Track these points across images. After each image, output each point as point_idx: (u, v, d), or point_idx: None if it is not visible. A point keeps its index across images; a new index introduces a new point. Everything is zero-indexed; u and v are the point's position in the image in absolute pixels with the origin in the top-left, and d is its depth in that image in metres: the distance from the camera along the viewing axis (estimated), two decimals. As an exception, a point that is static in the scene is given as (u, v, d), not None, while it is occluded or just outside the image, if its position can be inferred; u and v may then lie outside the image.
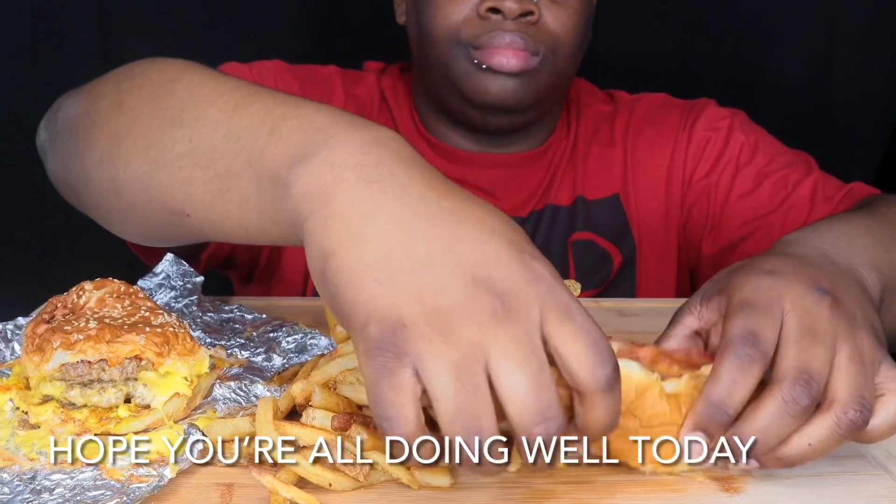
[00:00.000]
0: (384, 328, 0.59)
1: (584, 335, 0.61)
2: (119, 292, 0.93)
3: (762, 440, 0.71)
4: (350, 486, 0.74)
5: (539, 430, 0.60)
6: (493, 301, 0.59)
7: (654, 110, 1.54)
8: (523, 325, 0.59)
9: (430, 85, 1.45)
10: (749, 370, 0.71)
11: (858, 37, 1.96)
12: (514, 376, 0.59)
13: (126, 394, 0.85)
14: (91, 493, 0.72)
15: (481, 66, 1.31)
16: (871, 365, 0.74)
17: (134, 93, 0.90)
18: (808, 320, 0.73)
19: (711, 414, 0.71)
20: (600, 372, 0.61)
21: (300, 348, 1.05)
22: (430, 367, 0.59)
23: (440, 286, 0.59)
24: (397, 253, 0.60)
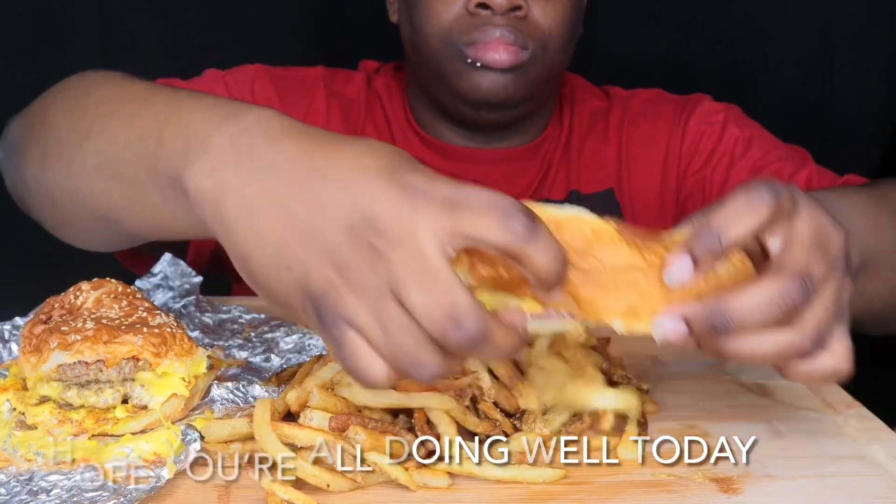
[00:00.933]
0: (314, 305, 0.65)
1: (482, 207, 0.63)
2: (116, 293, 0.93)
3: (738, 318, 0.69)
4: (348, 487, 0.74)
5: (456, 335, 0.62)
6: (374, 239, 0.62)
7: (648, 105, 1.55)
8: (410, 247, 0.62)
9: (423, 82, 1.46)
10: (755, 210, 0.69)
11: (854, 36, 1.95)
12: (413, 297, 0.62)
13: (123, 394, 0.85)
14: (88, 493, 0.72)
15: (474, 63, 1.31)
16: (839, 317, 0.74)
17: (56, 109, 0.98)
18: (823, 236, 0.72)
19: (705, 236, 0.69)
20: (512, 225, 0.63)
21: (298, 348, 1.05)
22: (357, 322, 0.64)
23: (330, 247, 0.64)
24: (289, 234, 0.65)
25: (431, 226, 0.63)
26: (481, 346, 0.63)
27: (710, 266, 0.69)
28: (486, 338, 0.63)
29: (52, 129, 0.96)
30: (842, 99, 1.98)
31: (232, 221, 0.69)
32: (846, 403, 0.95)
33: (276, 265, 0.67)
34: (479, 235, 0.63)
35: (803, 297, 0.69)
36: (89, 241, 1.05)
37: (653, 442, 0.85)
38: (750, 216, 0.70)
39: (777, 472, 0.79)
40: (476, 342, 0.62)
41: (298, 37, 2.03)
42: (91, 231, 1.00)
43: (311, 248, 0.64)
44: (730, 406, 0.95)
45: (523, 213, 0.63)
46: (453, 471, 0.76)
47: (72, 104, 0.96)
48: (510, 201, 0.64)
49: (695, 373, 1.05)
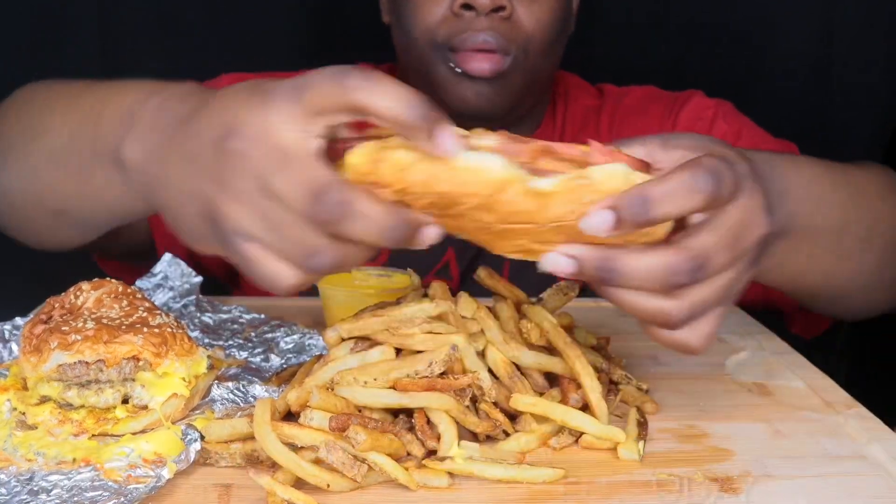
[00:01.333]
0: (213, 230, 0.71)
1: (320, 82, 0.68)
2: (117, 293, 0.93)
3: (622, 276, 0.71)
4: (348, 486, 0.74)
5: (321, 208, 0.66)
6: (236, 144, 0.68)
7: (639, 102, 1.55)
8: (267, 140, 0.68)
9: (411, 83, 1.46)
10: (693, 197, 0.70)
11: (854, 36, 1.95)
12: (277, 185, 0.67)
13: (124, 394, 0.85)
14: (88, 493, 0.72)
15: (456, 70, 1.32)
16: (723, 302, 0.76)
17: (5, 120, 1.08)
18: (741, 231, 0.74)
19: (634, 202, 0.68)
20: (346, 82, 0.67)
21: (298, 348, 1.05)
22: (245, 229, 0.70)
23: (207, 165, 0.70)
24: (184, 170, 0.73)
25: (284, 117, 0.68)
26: (349, 216, 0.66)
27: (629, 230, 0.69)
28: (351, 207, 0.66)
29: (3, 137, 1.06)
30: (842, 99, 1.98)
31: (153, 179, 0.78)
32: (846, 403, 0.95)
33: (183, 204, 0.74)
34: (326, 106, 0.67)
35: (690, 279, 0.71)
36: (49, 239, 1.13)
37: (653, 442, 0.85)
38: (684, 200, 0.70)
39: (777, 472, 0.80)
40: (341, 211, 0.66)
41: (298, 37, 2.03)
42: (49, 227, 1.09)
43: (196, 174, 0.71)
44: (730, 406, 0.95)
45: (356, 69, 0.67)
46: (453, 471, 0.76)
47: (19, 111, 1.06)
48: (345, 67, 0.68)
49: (695, 373, 1.05)
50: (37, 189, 1.02)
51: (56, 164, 0.97)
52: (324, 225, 0.68)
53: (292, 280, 0.71)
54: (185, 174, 0.73)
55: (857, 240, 1.02)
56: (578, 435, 0.84)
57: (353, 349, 0.85)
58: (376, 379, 0.79)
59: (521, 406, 0.82)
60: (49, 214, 1.04)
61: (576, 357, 0.86)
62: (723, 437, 0.87)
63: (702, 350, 0.77)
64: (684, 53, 2.00)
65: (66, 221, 1.03)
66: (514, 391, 0.84)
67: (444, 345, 0.80)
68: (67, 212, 1.01)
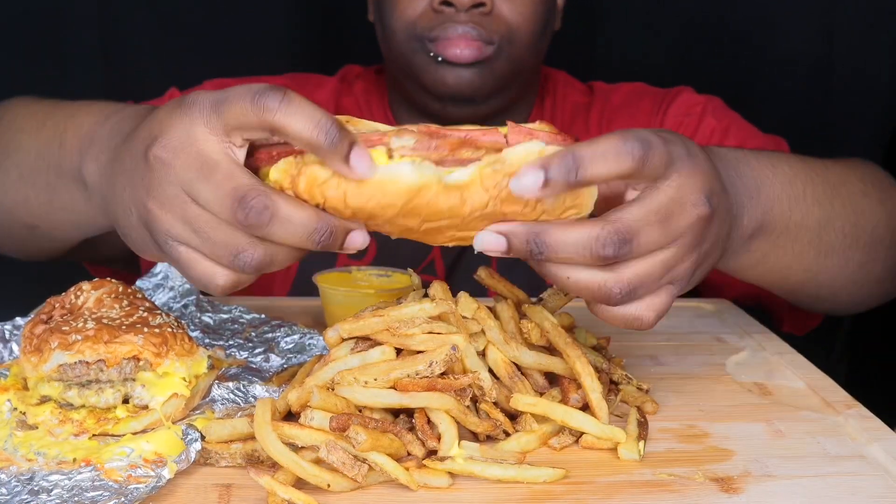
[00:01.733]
0: (150, 236, 0.76)
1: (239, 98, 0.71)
2: (117, 293, 0.93)
3: (551, 248, 0.73)
4: (348, 486, 0.74)
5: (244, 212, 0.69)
6: (162, 153, 0.72)
7: (628, 98, 1.56)
8: (190, 149, 0.71)
9: (395, 78, 1.50)
10: (621, 159, 0.72)
11: (854, 36, 1.96)
12: (202, 193, 0.71)
13: (124, 394, 0.85)
14: (89, 493, 0.72)
15: (437, 58, 1.33)
16: (668, 279, 0.78)
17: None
18: (675, 209, 0.75)
19: (563, 161, 0.70)
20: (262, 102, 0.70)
21: (299, 348, 1.05)
22: (175, 233, 0.73)
23: (139, 176, 0.75)
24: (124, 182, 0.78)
25: (205, 128, 0.72)
26: (272, 221, 0.70)
27: (558, 190, 0.71)
28: (274, 212, 0.69)
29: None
30: (842, 99, 1.98)
31: (107, 194, 0.83)
32: (846, 403, 0.95)
33: (126, 214, 0.78)
34: (243, 123, 0.71)
35: (616, 250, 0.73)
36: (22, 250, 1.21)
37: (653, 442, 0.85)
38: (613, 162, 0.72)
39: (777, 471, 0.80)
40: (265, 217, 0.69)
41: (298, 37, 2.03)
42: (22, 240, 1.16)
43: (132, 185, 0.76)
44: (730, 406, 0.95)
45: (273, 89, 0.70)
46: (453, 471, 0.76)
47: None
48: (262, 85, 0.71)
49: (695, 373, 1.06)
50: (10, 205, 1.09)
51: (26, 182, 1.05)
52: (248, 229, 0.71)
53: (224, 280, 0.74)
54: (124, 186, 0.78)
55: (841, 236, 1.03)
56: (579, 435, 0.84)
57: (354, 349, 0.85)
58: (376, 379, 0.79)
59: (522, 406, 0.83)
60: (23, 228, 1.11)
61: (576, 357, 0.86)
62: (723, 437, 0.87)
63: (652, 323, 0.79)
64: (684, 53, 2.00)
65: (38, 235, 1.10)
66: (515, 391, 0.84)
67: (444, 345, 0.80)
68: (39, 226, 1.08)
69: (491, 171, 0.71)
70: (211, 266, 0.74)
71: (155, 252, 0.78)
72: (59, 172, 0.96)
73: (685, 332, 1.21)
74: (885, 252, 1.12)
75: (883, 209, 1.11)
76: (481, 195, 0.72)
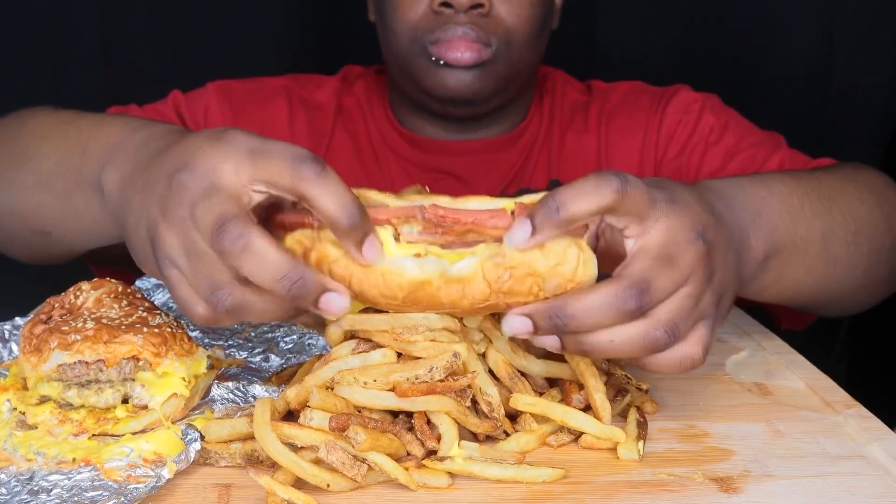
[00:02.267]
0: (153, 253, 0.77)
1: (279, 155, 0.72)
2: (117, 292, 0.93)
3: (578, 320, 0.74)
4: (348, 486, 0.74)
5: (221, 238, 0.71)
6: (184, 176, 0.74)
7: (626, 97, 1.57)
8: (208, 181, 0.73)
9: (395, 79, 1.50)
10: (599, 193, 0.74)
11: (854, 36, 1.96)
12: (197, 214, 0.72)
13: (124, 394, 0.85)
14: (89, 493, 0.72)
15: (438, 62, 1.34)
16: (699, 313, 0.79)
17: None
18: (673, 249, 0.77)
19: (546, 203, 0.73)
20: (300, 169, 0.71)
21: (298, 348, 1.05)
22: (172, 256, 0.75)
23: (159, 192, 0.76)
24: (141, 196, 0.80)
25: (233, 169, 0.73)
26: (244, 250, 0.70)
27: (547, 234, 0.74)
28: (247, 241, 0.70)
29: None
30: (842, 99, 1.99)
31: (123, 203, 0.85)
32: (846, 403, 0.95)
33: (136, 226, 0.80)
34: (272, 179, 0.73)
35: (639, 302, 0.74)
36: (31, 255, 1.21)
37: (653, 442, 0.85)
38: (593, 196, 0.74)
39: (777, 471, 0.80)
40: (237, 243, 0.70)
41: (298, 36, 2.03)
42: (31, 246, 1.17)
43: (149, 200, 0.77)
44: (729, 406, 0.95)
45: (314, 160, 0.72)
46: (453, 471, 0.76)
47: (11, 135, 1.14)
48: (305, 152, 0.72)
49: (694, 373, 1.05)
50: (23, 210, 1.09)
51: (42, 188, 1.05)
52: (222, 256, 0.71)
53: (202, 311, 0.75)
54: (141, 199, 0.79)
55: (844, 244, 1.05)
56: (577, 434, 0.84)
57: (356, 350, 0.85)
58: (376, 380, 0.79)
59: (521, 406, 0.83)
60: (34, 234, 1.11)
61: (580, 358, 0.86)
62: (722, 436, 0.87)
63: (703, 358, 0.80)
64: (684, 54, 2.00)
65: (48, 241, 1.11)
66: (515, 391, 0.84)
67: (445, 352, 0.80)
68: (50, 233, 1.09)
69: (492, 264, 0.74)
70: (192, 295, 0.75)
71: (153, 268, 0.79)
72: (78, 179, 0.97)
73: (685, 332, 1.21)
74: (887, 254, 1.13)
75: (881, 213, 1.12)
76: (482, 288, 0.75)
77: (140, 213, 0.79)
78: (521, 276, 0.74)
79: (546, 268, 0.75)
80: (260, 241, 0.71)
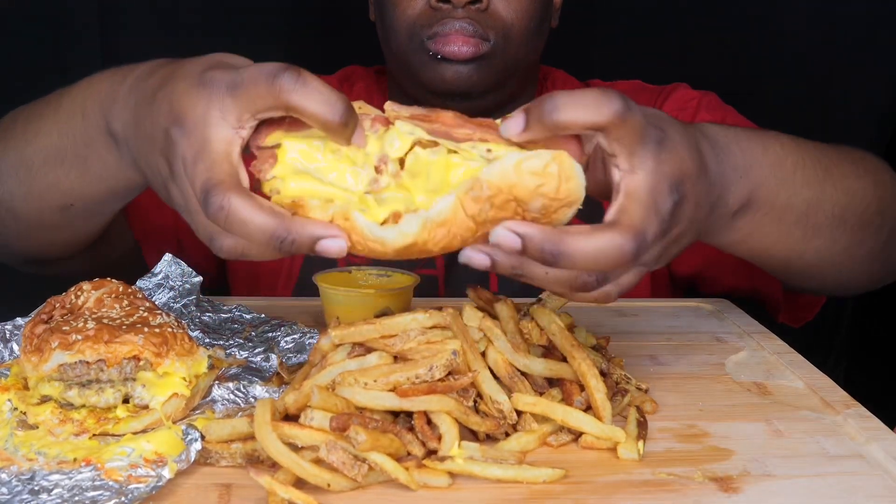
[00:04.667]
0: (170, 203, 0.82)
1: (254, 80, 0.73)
2: (117, 292, 0.93)
3: (571, 260, 0.72)
4: (348, 486, 0.74)
5: (204, 206, 0.72)
6: (175, 130, 0.76)
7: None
8: (199, 131, 0.75)
9: (396, 77, 1.51)
10: (599, 110, 0.73)
11: (855, 37, 1.96)
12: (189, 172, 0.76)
13: (124, 394, 0.85)
14: (89, 493, 0.72)
15: (436, 56, 1.35)
16: (638, 263, 0.79)
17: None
18: (658, 198, 0.76)
19: (543, 104, 0.73)
20: (277, 84, 0.72)
21: (299, 348, 1.05)
22: (176, 205, 0.80)
23: (163, 151, 0.79)
24: (148, 145, 0.83)
25: (221, 113, 0.75)
26: (227, 220, 0.72)
27: (538, 132, 0.73)
28: (228, 212, 0.71)
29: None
30: (842, 99, 1.98)
31: (135, 152, 0.88)
32: (845, 403, 0.96)
33: (153, 175, 0.84)
34: (256, 106, 0.74)
35: (636, 254, 0.74)
36: (53, 240, 1.20)
37: (652, 441, 0.85)
38: (591, 111, 0.73)
39: (776, 471, 0.80)
40: (219, 214, 0.72)
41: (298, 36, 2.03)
42: (54, 226, 1.15)
43: (154, 152, 0.81)
44: (729, 406, 0.96)
45: (287, 70, 0.72)
46: (453, 471, 0.76)
47: (4, 131, 1.14)
48: (276, 66, 0.73)
49: (694, 373, 1.06)
50: (39, 191, 1.09)
51: (53, 163, 1.05)
52: (211, 220, 0.74)
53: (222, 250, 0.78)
54: (148, 151, 0.83)
55: (830, 217, 1.04)
56: (577, 433, 0.84)
57: (351, 353, 0.85)
58: (376, 381, 0.79)
59: (522, 406, 0.83)
60: (56, 211, 1.10)
61: (581, 359, 0.86)
62: (722, 436, 0.87)
63: (615, 298, 0.81)
64: (684, 54, 2.00)
65: (72, 214, 1.10)
66: (515, 391, 0.85)
67: (442, 351, 0.80)
68: (73, 204, 1.08)
69: (470, 199, 0.72)
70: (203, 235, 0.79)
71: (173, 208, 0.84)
72: (87, 141, 0.98)
73: (685, 332, 1.22)
74: (873, 235, 1.12)
75: (874, 194, 1.11)
76: (468, 224, 0.73)
77: (150, 163, 0.83)
78: (503, 202, 0.72)
79: (526, 192, 0.72)
80: (242, 209, 0.72)
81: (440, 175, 0.76)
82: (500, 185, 0.72)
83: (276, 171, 0.76)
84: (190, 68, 0.80)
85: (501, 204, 0.72)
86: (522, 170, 0.72)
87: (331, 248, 0.73)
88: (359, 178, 0.77)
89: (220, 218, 0.72)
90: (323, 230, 0.73)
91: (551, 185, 0.72)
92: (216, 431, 0.80)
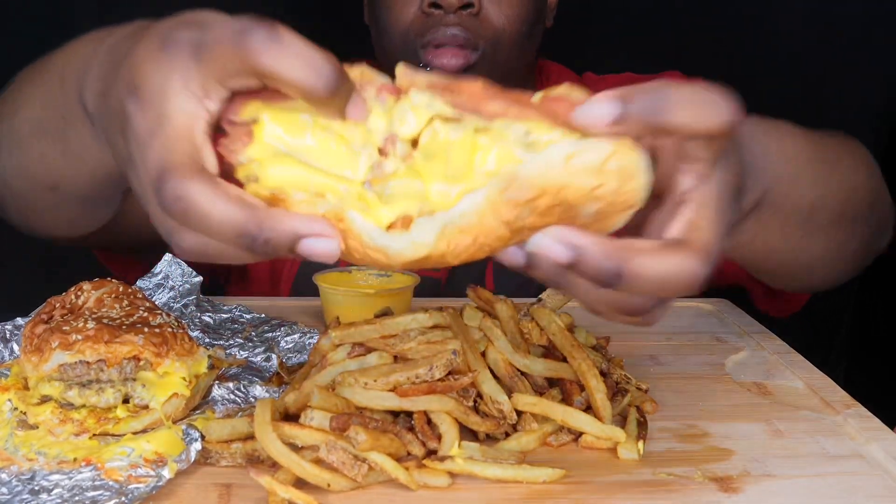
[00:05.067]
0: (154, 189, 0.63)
1: (221, 41, 0.59)
2: (118, 292, 0.93)
3: (634, 282, 0.59)
4: (348, 486, 0.74)
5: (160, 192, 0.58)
6: (133, 108, 0.62)
7: (616, 87, 1.55)
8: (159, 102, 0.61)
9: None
10: (711, 118, 0.60)
11: (853, 36, 1.96)
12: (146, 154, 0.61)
13: (124, 394, 0.85)
14: (90, 493, 0.72)
15: (427, 67, 1.35)
16: None
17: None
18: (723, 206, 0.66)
19: (650, 95, 0.60)
20: (248, 44, 0.58)
21: (299, 348, 1.05)
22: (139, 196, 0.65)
23: (119, 120, 0.65)
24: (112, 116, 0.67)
25: (182, 79, 0.61)
26: (186, 213, 0.58)
27: (633, 128, 0.59)
28: (186, 204, 0.58)
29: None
30: (841, 99, 1.99)
31: (101, 127, 0.74)
32: (845, 403, 0.96)
33: (116, 154, 0.69)
34: (222, 72, 0.60)
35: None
36: (54, 221, 1.09)
37: (653, 441, 0.85)
38: (707, 117, 0.60)
39: (776, 471, 0.80)
40: (175, 206, 0.58)
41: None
42: (46, 208, 1.05)
43: (115, 130, 0.67)
44: (729, 406, 0.96)
45: (258, 26, 0.58)
46: (453, 470, 0.76)
47: (5, 96, 1.07)
48: (246, 22, 0.59)
49: (695, 373, 1.06)
50: (28, 165, 0.99)
51: (38, 135, 0.96)
52: (168, 213, 0.60)
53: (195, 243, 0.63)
54: (112, 129, 0.69)
55: (829, 215, 1.01)
56: (577, 433, 0.84)
57: (351, 353, 0.85)
58: (377, 381, 0.79)
59: (522, 406, 0.83)
60: (46, 191, 1.01)
61: (581, 359, 0.86)
62: (722, 436, 0.87)
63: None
64: (679, 53, 2.00)
65: (61, 197, 1.01)
66: (515, 391, 0.85)
67: (442, 351, 0.80)
68: (58, 185, 0.98)
69: (505, 201, 0.57)
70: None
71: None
72: (65, 113, 0.85)
73: (685, 332, 1.22)
74: (863, 228, 1.10)
75: (868, 184, 1.10)
76: (501, 233, 0.58)
77: (114, 144, 0.69)
78: (547, 207, 0.57)
79: (579, 195, 0.57)
80: (202, 199, 0.58)
81: (463, 159, 0.59)
82: (544, 186, 0.56)
83: (252, 152, 0.60)
84: (156, 29, 0.65)
85: (546, 209, 0.57)
86: (574, 166, 0.56)
87: (317, 250, 0.58)
88: (357, 162, 0.60)
89: (177, 210, 0.58)
90: (306, 226, 0.58)
91: (610, 185, 0.57)
92: (216, 431, 0.80)
